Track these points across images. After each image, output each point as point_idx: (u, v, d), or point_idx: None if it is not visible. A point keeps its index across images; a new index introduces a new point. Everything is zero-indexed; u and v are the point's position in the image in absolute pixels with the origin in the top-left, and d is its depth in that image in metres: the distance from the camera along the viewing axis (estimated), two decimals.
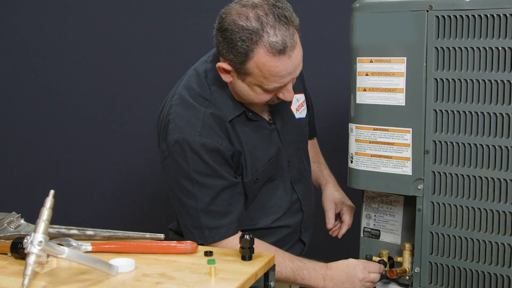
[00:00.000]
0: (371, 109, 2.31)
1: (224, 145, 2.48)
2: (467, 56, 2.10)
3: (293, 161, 2.73)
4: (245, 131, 2.58)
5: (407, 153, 2.24)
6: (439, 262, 2.23)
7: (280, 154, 2.66)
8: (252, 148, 2.58)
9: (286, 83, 2.40)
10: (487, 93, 2.08)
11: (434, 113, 2.18)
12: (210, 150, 2.46)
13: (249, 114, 2.58)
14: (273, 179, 2.66)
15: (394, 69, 2.24)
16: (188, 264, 2.09)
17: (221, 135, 2.49)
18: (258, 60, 2.30)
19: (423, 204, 2.23)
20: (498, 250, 2.10)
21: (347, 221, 2.79)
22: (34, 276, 1.91)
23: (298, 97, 2.79)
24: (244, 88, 2.44)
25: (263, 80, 2.35)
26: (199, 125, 2.47)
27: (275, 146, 2.64)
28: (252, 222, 2.64)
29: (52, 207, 1.89)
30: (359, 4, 2.33)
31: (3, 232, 2.29)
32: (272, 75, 2.33)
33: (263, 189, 2.66)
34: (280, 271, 2.45)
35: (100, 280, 1.93)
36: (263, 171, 2.60)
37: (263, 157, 2.60)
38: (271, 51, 2.27)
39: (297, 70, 2.40)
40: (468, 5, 2.09)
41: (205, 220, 2.50)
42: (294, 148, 2.74)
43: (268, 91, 2.41)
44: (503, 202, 2.08)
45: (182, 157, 2.48)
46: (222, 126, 2.51)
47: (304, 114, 2.81)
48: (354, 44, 2.35)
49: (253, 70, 2.34)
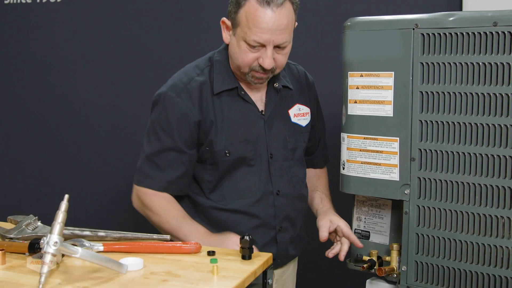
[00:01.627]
0: (362, 119, 2.30)
1: (192, 111, 2.59)
2: (450, 71, 2.10)
3: (277, 156, 2.69)
4: (230, 104, 2.65)
5: (394, 160, 2.23)
6: (424, 261, 2.22)
7: (260, 142, 2.66)
8: (230, 122, 2.63)
9: (264, 43, 2.46)
10: (468, 105, 2.07)
11: (419, 123, 2.17)
12: (179, 111, 2.59)
13: (241, 92, 2.66)
14: (251, 164, 2.65)
15: (382, 82, 2.23)
16: (192, 263, 2.08)
17: (195, 102, 2.61)
18: (247, 8, 2.44)
19: (410, 208, 2.22)
20: (478, 250, 2.10)
21: (351, 236, 2.55)
22: (50, 274, 1.90)
23: (301, 107, 2.80)
24: (234, 43, 2.56)
25: (247, 30, 2.45)
26: (181, 87, 2.63)
27: (256, 132, 2.66)
28: (224, 202, 2.65)
29: (66, 210, 1.88)
30: (350, 22, 2.32)
31: (21, 233, 2.29)
32: (254, 25, 2.43)
33: (239, 171, 2.65)
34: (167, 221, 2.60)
35: (111, 277, 1.92)
36: (236, 147, 2.62)
37: (239, 135, 2.63)
38: (260, 1, 2.41)
39: (279, 36, 2.47)
40: (451, 24, 2.09)
41: (145, 165, 2.67)
42: (280, 144, 2.71)
43: (250, 47, 2.48)
44: (483, 205, 2.07)
45: (157, 109, 2.66)
46: (202, 94, 2.63)
47: (303, 123, 2.79)
48: (345, 60, 2.34)
49: (242, 19, 2.47)
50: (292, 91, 2.78)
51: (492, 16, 2.03)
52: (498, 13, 2.03)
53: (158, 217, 2.62)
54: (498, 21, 2.01)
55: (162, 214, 2.61)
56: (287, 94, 2.77)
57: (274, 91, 2.71)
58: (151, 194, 2.64)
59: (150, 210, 2.64)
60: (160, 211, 2.62)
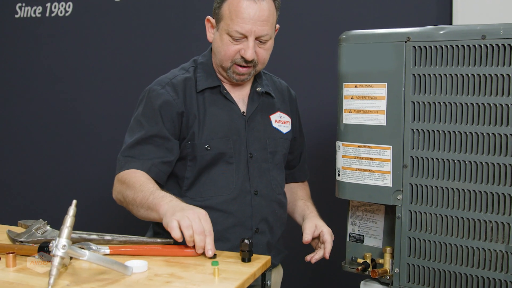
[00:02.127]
0: (356, 128, 2.31)
1: (176, 102, 2.59)
2: (440, 82, 2.11)
3: (257, 156, 2.68)
4: (212, 102, 2.66)
5: (387, 167, 2.24)
6: (416, 264, 2.22)
7: (240, 140, 2.65)
8: (212, 118, 2.62)
9: (246, 34, 2.50)
10: (458, 114, 2.08)
11: (411, 132, 2.18)
12: (163, 101, 2.58)
13: (223, 91, 2.67)
14: (230, 162, 2.63)
15: (376, 93, 2.24)
16: (194, 265, 2.09)
17: (179, 94, 2.61)
18: (230, 1, 2.50)
19: (402, 212, 2.23)
20: (468, 252, 2.11)
21: (328, 240, 2.57)
22: (59, 276, 1.91)
23: (282, 115, 2.82)
24: (217, 38, 2.59)
25: (229, 22, 2.50)
26: (166, 82, 2.65)
27: (237, 130, 2.65)
28: (201, 198, 2.60)
29: (74, 215, 1.89)
30: (345, 36, 2.34)
31: (31, 237, 2.30)
32: (236, 16, 2.48)
33: (218, 167, 2.63)
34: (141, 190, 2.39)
35: (117, 279, 1.93)
36: (217, 142, 2.60)
37: (220, 130, 2.62)
38: None
39: (260, 28, 2.51)
40: (441, 37, 2.10)
41: (126, 152, 2.58)
42: (260, 146, 2.70)
43: (233, 38, 2.51)
44: (472, 210, 2.08)
45: (141, 102, 2.65)
46: (187, 88, 2.63)
47: (284, 130, 2.80)
48: (341, 71, 2.35)
49: (225, 12, 2.52)
50: (274, 100, 2.80)
51: (481, 29, 2.05)
52: (486, 27, 2.05)
53: (132, 190, 2.42)
54: (486, 34, 2.03)
55: (138, 186, 2.41)
56: (269, 102, 2.79)
57: (256, 95, 2.73)
58: (131, 172, 2.51)
59: (127, 185, 2.46)
60: (136, 184, 2.42)
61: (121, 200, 2.53)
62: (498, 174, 2.03)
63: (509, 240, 2.03)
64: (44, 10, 4.72)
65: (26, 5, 4.79)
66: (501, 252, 2.04)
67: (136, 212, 2.44)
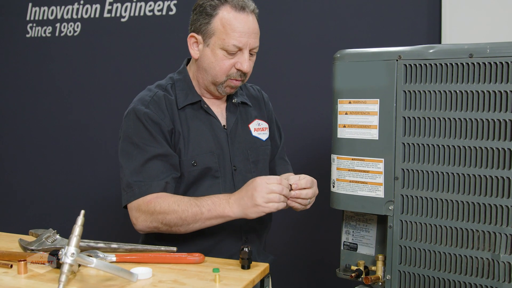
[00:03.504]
0: (350, 142, 2.31)
1: (164, 121, 2.50)
2: (430, 98, 2.11)
3: (240, 168, 2.62)
4: (194, 117, 2.59)
5: (380, 179, 2.24)
6: (407, 271, 2.22)
7: (224, 154, 2.60)
8: (196, 133, 2.56)
9: (242, 47, 2.45)
10: (447, 129, 2.08)
11: (402, 145, 2.18)
12: (152, 120, 2.48)
13: (204, 105, 2.61)
14: (216, 176, 2.57)
15: (369, 109, 2.24)
16: (196, 272, 2.09)
17: (165, 112, 2.52)
18: (222, 16, 2.43)
19: (394, 222, 2.23)
20: (456, 260, 2.10)
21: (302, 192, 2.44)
22: (68, 282, 1.91)
23: (260, 122, 2.77)
24: (208, 55, 2.50)
25: (224, 37, 2.43)
26: (148, 100, 2.54)
27: (220, 144, 2.60)
28: None
29: (82, 224, 1.89)
30: (339, 54, 2.34)
31: (41, 245, 2.30)
32: (232, 30, 2.42)
33: (204, 182, 2.56)
34: (186, 209, 2.35)
35: (122, 286, 1.93)
36: (202, 158, 2.54)
37: (205, 145, 2.56)
38: (234, 7, 2.42)
39: (254, 40, 2.48)
40: (431, 55, 2.11)
41: (134, 178, 2.45)
42: (242, 157, 2.65)
43: (228, 53, 2.45)
44: (460, 220, 2.08)
45: (129, 124, 2.53)
46: (168, 105, 2.55)
47: (263, 137, 2.77)
48: (335, 88, 2.35)
49: (217, 27, 2.44)
50: (250, 108, 2.77)
51: (468, 48, 2.05)
52: (473, 46, 2.05)
53: (174, 213, 2.36)
54: (473, 53, 2.03)
55: (177, 207, 2.36)
56: (246, 111, 2.75)
57: (233, 106, 2.69)
58: (154, 198, 2.41)
59: (163, 212, 2.37)
60: (174, 206, 2.36)
61: (158, 227, 2.42)
62: (485, 186, 2.03)
63: (495, 248, 2.02)
64: (54, 30, 4.74)
65: (36, 25, 4.81)
66: (488, 260, 2.04)
67: (185, 229, 2.40)
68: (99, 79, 4.60)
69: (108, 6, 4.54)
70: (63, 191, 4.80)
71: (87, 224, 2.04)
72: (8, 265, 2.13)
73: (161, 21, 4.36)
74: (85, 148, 4.69)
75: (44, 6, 4.78)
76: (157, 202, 2.40)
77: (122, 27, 4.50)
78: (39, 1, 4.81)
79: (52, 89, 4.79)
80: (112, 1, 4.52)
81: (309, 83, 3.73)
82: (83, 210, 1.91)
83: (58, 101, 4.77)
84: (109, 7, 4.54)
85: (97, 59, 4.60)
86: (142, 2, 4.41)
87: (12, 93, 4.97)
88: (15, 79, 4.94)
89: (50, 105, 4.80)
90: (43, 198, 4.89)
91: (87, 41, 4.64)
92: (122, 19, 4.49)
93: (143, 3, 4.40)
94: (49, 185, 4.86)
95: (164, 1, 4.34)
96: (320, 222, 3.44)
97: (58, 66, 4.75)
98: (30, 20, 4.84)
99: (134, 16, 4.45)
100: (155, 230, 2.46)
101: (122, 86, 4.50)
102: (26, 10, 4.85)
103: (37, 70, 4.84)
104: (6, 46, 4.96)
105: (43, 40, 4.80)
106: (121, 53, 4.51)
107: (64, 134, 4.76)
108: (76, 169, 4.74)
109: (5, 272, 2.08)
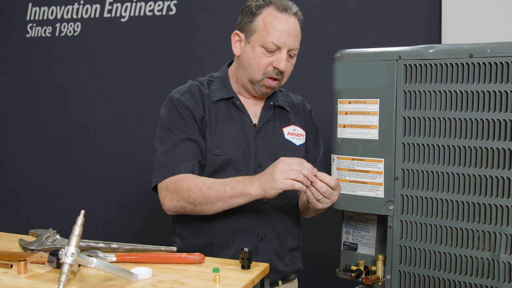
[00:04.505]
0: (350, 142, 2.31)
1: (197, 109, 2.59)
2: (430, 98, 2.11)
3: (266, 166, 2.50)
4: (225, 111, 2.65)
5: (380, 179, 2.24)
6: (407, 271, 2.22)
7: (250, 150, 2.62)
8: (223, 125, 2.62)
9: (281, 46, 2.50)
10: (446, 129, 2.08)
11: (402, 145, 2.18)
12: (185, 107, 2.58)
13: (237, 102, 2.67)
14: (239, 169, 2.58)
15: (369, 109, 2.25)
16: (196, 272, 2.09)
17: (198, 102, 2.62)
18: (266, 15, 2.51)
19: (393, 222, 2.23)
20: (456, 260, 2.10)
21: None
22: (68, 282, 1.91)
23: (296, 128, 2.77)
24: (248, 51, 2.56)
25: (264, 34, 2.49)
26: (184, 89, 2.67)
27: (247, 139, 2.63)
28: None
29: (82, 224, 1.89)
30: (339, 54, 2.34)
31: (41, 245, 2.30)
32: (273, 28, 2.48)
33: (226, 173, 2.56)
34: (210, 187, 2.39)
35: (123, 286, 1.93)
36: (226, 149, 2.57)
37: (231, 138, 2.60)
38: (277, 8, 2.50)
39: (293, 41, 2.54)
40: (431, 55, 2.11)
41: (165, 159, 2.53)
42: (269, 156, 2.63)
43: (266, 50, 2.51)
44: (460, 220, 2.08)
45: (165, 111, 2.64)
46: (201, 97, 2.64)
47: (297, 142, 2.75)
48: (335, 88, 2.35)
49: (259, 25, 2.51)
50: (289, 113, 2.77)
51: (468, 48, 2.05)
52: (473, 46, 2.05)
53: (199, 191, 2.40)
54: (473, 53, 2.03)
55: (203, 185, 2.40)
56: (284, 115, 2.76)
57: (268, 108, 2.71)
58: (182, 178, 2.47)
59: (189, 190, 2.42)
60: (200, 184, 2.41)
61: (184, 206, 2.46)
62: (485, 186, 2.03)
63: (495, 248, 2.02)
64: (53, 30, 4.74)
65: (36, 25, 4.80)
66: (488, 260, 2.04)
67: (209, 209, 2.43)
68: (99, 79, 4.60)
69: (108, 6, 4.54)
70: (63, 191, 4.80)
71: (87, 224, 2.04)
72: (8, 265, 2.13)
73: (161, 21, 4.36)
74: (85, 148, 4.69)
75: (44, 6, 4.78)
76: (184, 181, 2.45)
77: (122, 27, 4.50)
78: (39, 1, 4.81)
79: (52, 89, 4.78)
80: (112, 1, 4.52)
81: (309, 83, 3.73)
82: (83, 210, 1.91)
83: (58, 101, 4.77)
84: (109, 7, 4.54)
85: (97, 59, 4.60)
86: (142, 2, 4.41)
87: (12, 93, 4.96)
88: (15, 79, 4.93)
89: (50, 105, 4.80)
90: (43, 198, 4.89)
91: (87, 41, 4.63)
92: (122, 19, 4.49)
93: (143, 3, 4.40)
94: (49, 185, 4.86)
95: (164, 1, 4.34)
96: (320, 222, 3.44)
97: (58, 66, 4.74)
98: (30, 20, 4.83)
99: (134, 16, 4.45)
100: (181, 210, 2.50)
101: (122, 86, 4.50)
102: (26, 10, 4.85)
103: (37, 70, 4.84)
104: (6, 46, 4.96)
105: (43, 40, 4.80)
106: (121, 53, 4.51)
107: (64, 134, 4.75)
108: (76, 169, 4.74)
109: (5, 272, 2.08)
